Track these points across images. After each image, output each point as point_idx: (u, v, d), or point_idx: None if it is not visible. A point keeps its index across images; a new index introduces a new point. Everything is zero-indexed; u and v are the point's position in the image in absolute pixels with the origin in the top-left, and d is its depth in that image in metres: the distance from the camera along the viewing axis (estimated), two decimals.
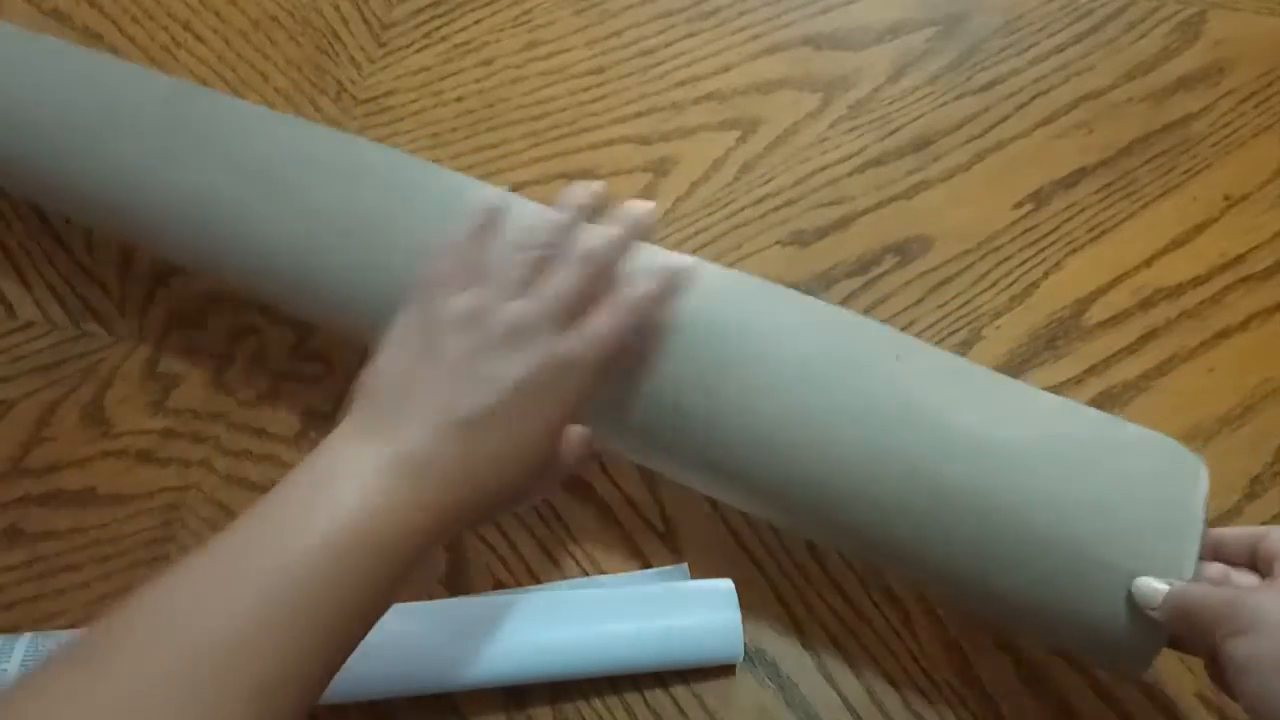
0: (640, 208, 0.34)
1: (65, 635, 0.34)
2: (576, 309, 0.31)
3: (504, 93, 0.48)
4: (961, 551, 0.32)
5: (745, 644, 0.36)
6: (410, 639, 0.35)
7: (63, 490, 0.41)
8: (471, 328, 0.29)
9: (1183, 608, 0.29)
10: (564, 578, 0.39)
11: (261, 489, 0.40)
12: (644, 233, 0.34)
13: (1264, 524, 0.36)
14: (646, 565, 0.39)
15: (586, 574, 0.39)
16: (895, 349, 0.35)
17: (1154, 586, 0.30)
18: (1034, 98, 0.47)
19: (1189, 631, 0.29)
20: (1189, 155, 0.46)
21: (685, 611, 0.37)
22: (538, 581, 0.39)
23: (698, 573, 0.39)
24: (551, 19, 0.50)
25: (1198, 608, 0.29)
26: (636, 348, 0.33)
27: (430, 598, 0.38)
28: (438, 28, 0.50)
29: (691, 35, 0.49)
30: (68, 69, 0.40)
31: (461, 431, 0.28)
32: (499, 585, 0.39)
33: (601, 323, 0.31)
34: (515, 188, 0.46)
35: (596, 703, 0.37)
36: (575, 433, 0.32)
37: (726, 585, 0.37)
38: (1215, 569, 0.31)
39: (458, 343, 0.29)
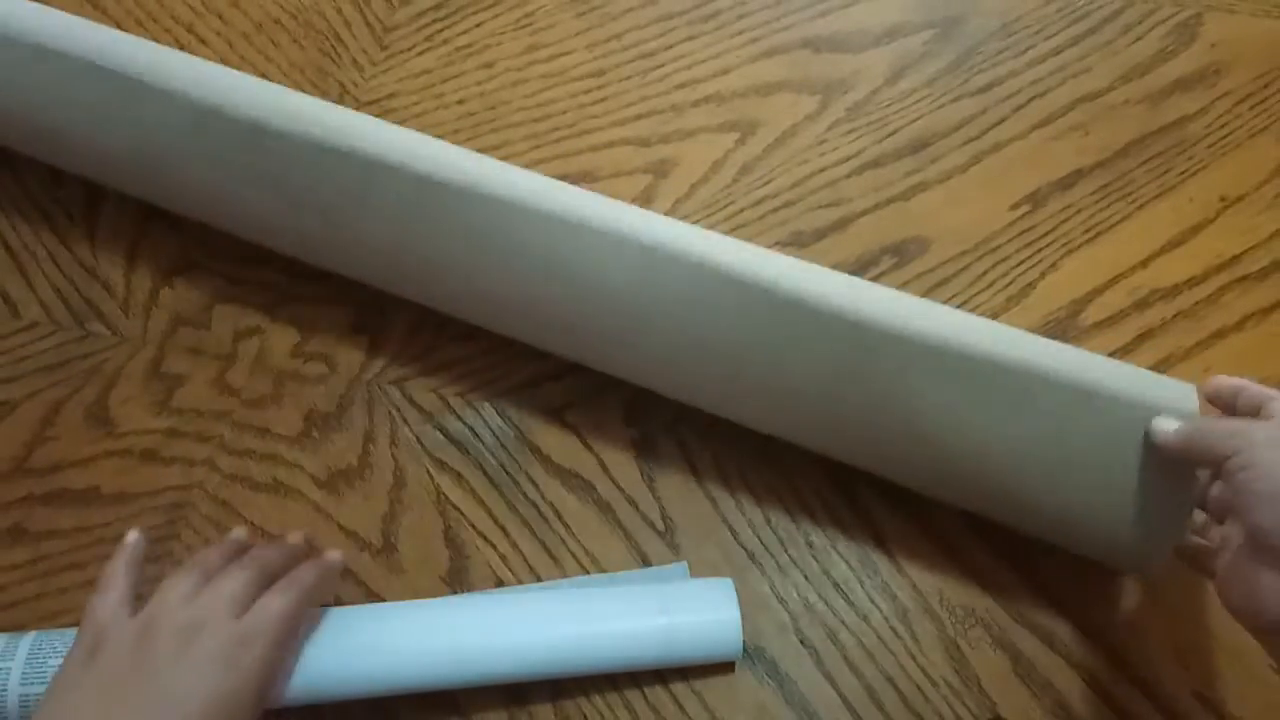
0: (295, 537, 0.37)
1: (70, 633, 0.35)
2: (248, 602, 0.32)
3: (505, 95, 0.49)
4: (978, 507, 0.37)
5: (744, 642, 0.37)
6: (411, 636, 0.35)
7: (66, 489, 0.41)
8: (140, 635, 0.30)
9: (1195, 435, 0.32)
10: (564, 576, 0.39)
11: (265, 488, 0.41)
12: (309, 551, 0.36)
13: None
14: (647, 564, 0.39)
15: (587, 573, 0.39)
16: (900, 357, 0.35)
17: (1168, 420, 0.33)
18: (1031, 100, 0.47)
19: (1202, 460, 0.32)
20: (1185, 157, 0.46)
21: (685, 609, 0.37)
22: (539, 580, 0.39)
23: (697, 571, 0.39)
24: (552, 22, 0.50)
25: (1207, 434, 0.31)
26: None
27: (432, 595, 0.38)
28: (439, 30, 0.51)
29: (691, 38, 0.50)
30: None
31: None
32: (500, 584, 0.39)
33: (271, 601, 0.32)
34: None
35: (597, 700, 0.37)
36: None
37: (725, 583, 0.37)
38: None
39: (119, 650, 0.30)
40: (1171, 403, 0.34)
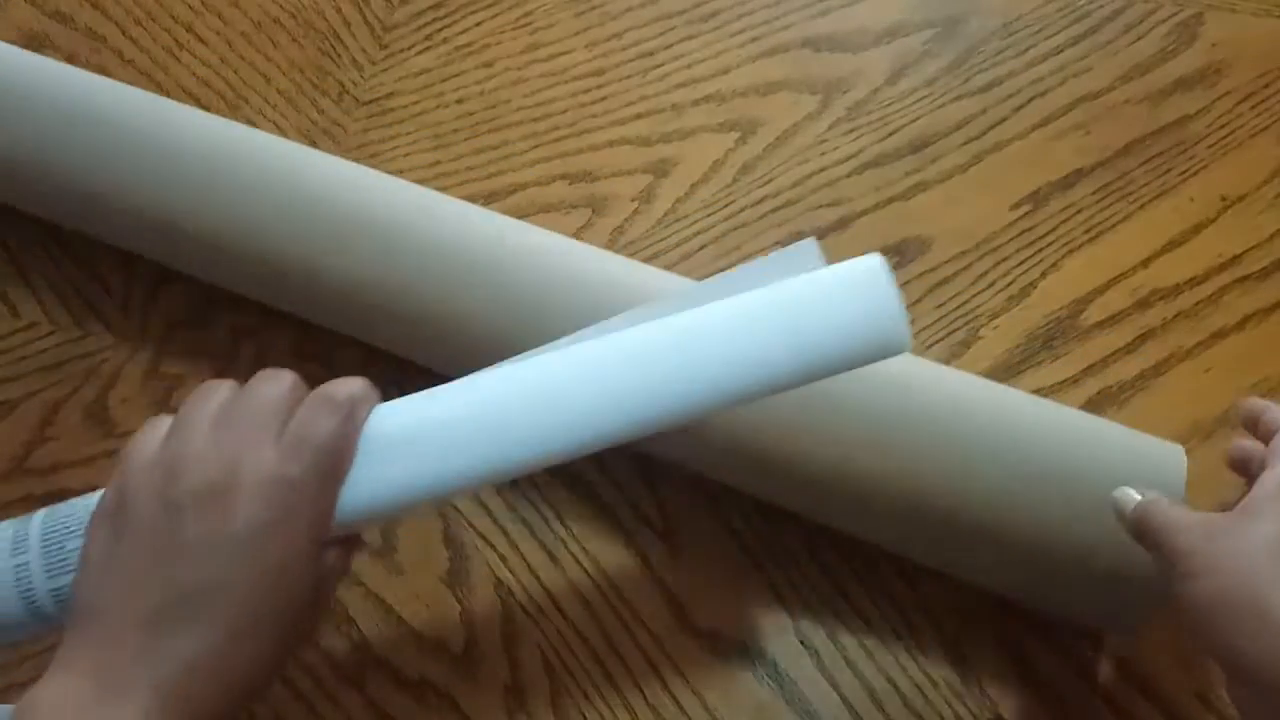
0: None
1: (77, 504, 0.30)
2: (287, 413, 0.27)
3: (505, 94, 0.49)
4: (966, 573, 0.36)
5: (746, 641, 0.36)
6: (505, 406, 0.28)
7: (66, 490, 0.41)
8: (165, 504, 0.25)
9: (1147, 521, 0.29)
10: (564, 578, 0.39)
11: None
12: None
13: None
14: (647, 566, 0.39)
15: (587, 574, 0.39)
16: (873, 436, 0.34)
17: (1129, 494, 0.30)
18: (1031, 99, 0.47)
19: (1153, 549, 0.29)
20: (1186, 156, 0.46)
21: (830, 302, 0.28)
22: (539, 582, 0.39)
23: (700, 570, 0.39)
24: (552, 21, 0.50)
25: (1158, 526, 0.28)
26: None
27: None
28: (439, 30, 0.51)
29: (691, 37, 0.50)
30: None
31: (179, 623, 0.24)
32: (499, 584, 0.39)
33: (316, 419, 0.26)
34: (516, 189, 0.47)
35: (597, 700, 0.37)
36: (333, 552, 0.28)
37: (874, 260, 0.29)
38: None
39: (144, 522, 0.25)
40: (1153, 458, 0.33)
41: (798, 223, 0.45)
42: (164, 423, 0.28)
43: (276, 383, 0.27)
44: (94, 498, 0.29)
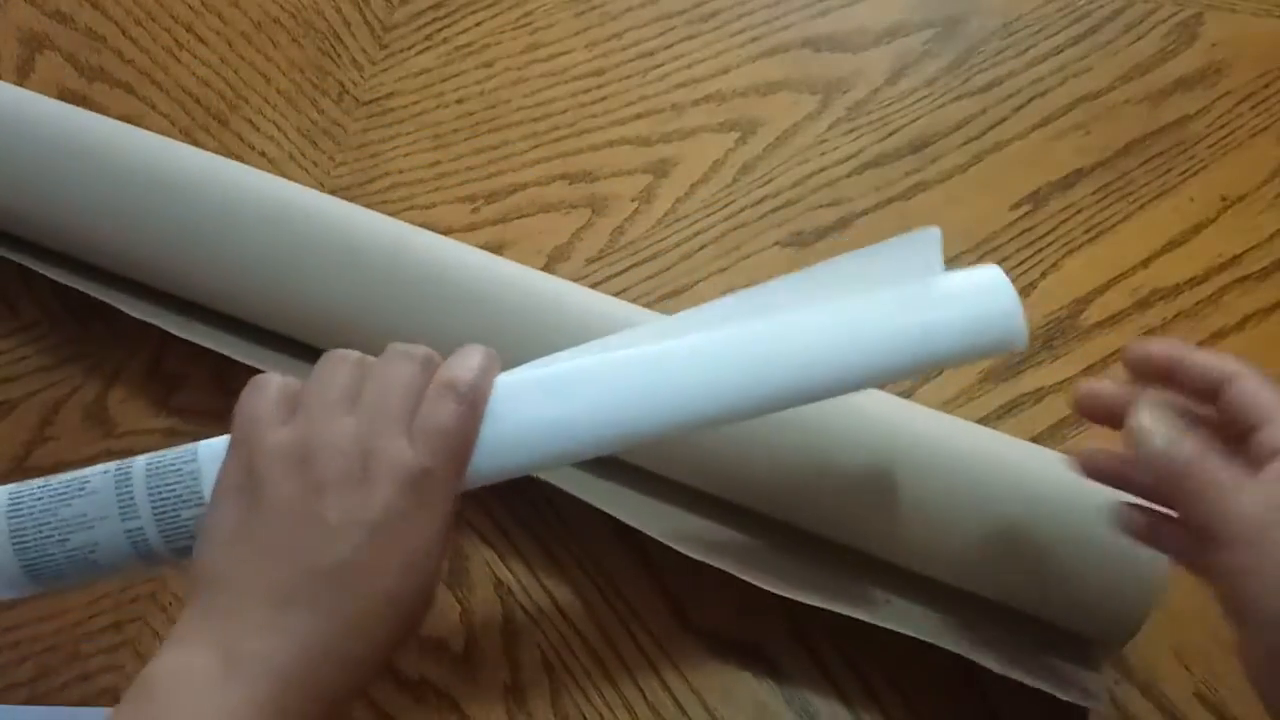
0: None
1: (178, 464, 0.29)
2: (418, 397, 0.27)
3: (505, 94, 0.49)
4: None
5: (746, 641, 0.36)
6: (627, 387, 0.29)
7: None
8: (300, 466, 0.25)
9: (1170, 472, 0.26)
10: (564, 577, 0.39)
11: None
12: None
13: None
14: (646, 564, 0.39)
15: (588, 575, 0.39)
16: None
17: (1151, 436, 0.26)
18: (1031, 99, 0.47)
19: (1185, 507, 0.25)
20: (1186, 156, 0.46)
21: (946, 305, 0.30)
22: (539, 582, 0.39)
23: (700, 570, 0.39)
24: (552, 21, 0.50)
25: (1185, 480, 0.25)
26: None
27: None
28: (439, 30, 0.51)
29: (691, 37, 0.50)
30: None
31: (306, 601, 0.24)
32: (499, 584, 0.39)
33: (441, 410, 0.26)
34: (516, 189, 0.47)
35: (596, 700, 0.37)
36: None
37: (994, 270, 0.31)
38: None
39: (280, 499, 0.25)
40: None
41: (798, 223, 0.45)
42: (272, 385, 0.27)
43: (408, 364, 0.27)
44: (196, 459, 0.29)
